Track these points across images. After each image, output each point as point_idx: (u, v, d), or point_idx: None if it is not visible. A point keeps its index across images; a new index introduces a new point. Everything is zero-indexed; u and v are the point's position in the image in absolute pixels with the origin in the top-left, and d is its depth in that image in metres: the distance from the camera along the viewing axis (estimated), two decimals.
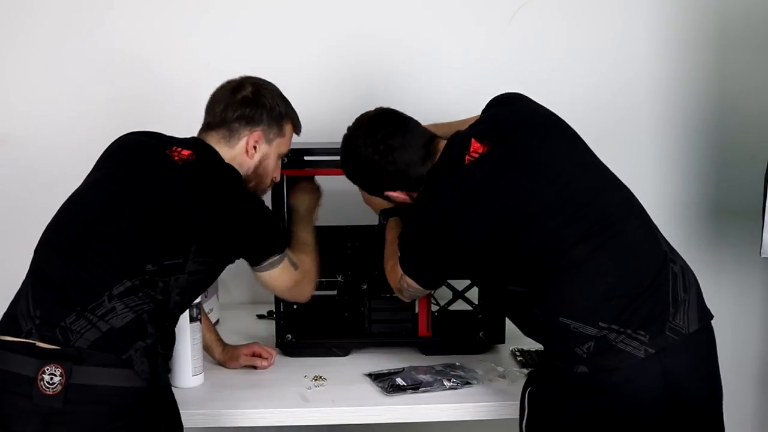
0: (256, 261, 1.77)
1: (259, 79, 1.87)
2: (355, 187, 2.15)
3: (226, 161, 1.76)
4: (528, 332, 1.71)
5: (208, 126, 1.82)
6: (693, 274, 1.68)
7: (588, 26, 2.61)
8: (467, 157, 1.70)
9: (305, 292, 1.93)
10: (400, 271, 1.85)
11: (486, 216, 1.64)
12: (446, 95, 2.56)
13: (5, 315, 1.60)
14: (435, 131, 1.85)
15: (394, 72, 2.59)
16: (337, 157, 2.11)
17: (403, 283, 1.87)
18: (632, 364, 1.53)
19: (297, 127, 1.92)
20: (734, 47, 2.64)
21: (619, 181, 1.73)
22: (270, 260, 1.78)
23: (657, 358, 1.54)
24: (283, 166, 2.03)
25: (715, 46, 2.63)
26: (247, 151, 1.80)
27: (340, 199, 2.30)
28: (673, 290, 1.60)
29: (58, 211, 1.68)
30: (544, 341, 1.67)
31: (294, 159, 2.04)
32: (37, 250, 1.65)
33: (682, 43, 2.63)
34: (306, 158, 2.10)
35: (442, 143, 1.79)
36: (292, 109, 1.90)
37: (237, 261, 1.72)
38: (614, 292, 1.57)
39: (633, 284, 1.58)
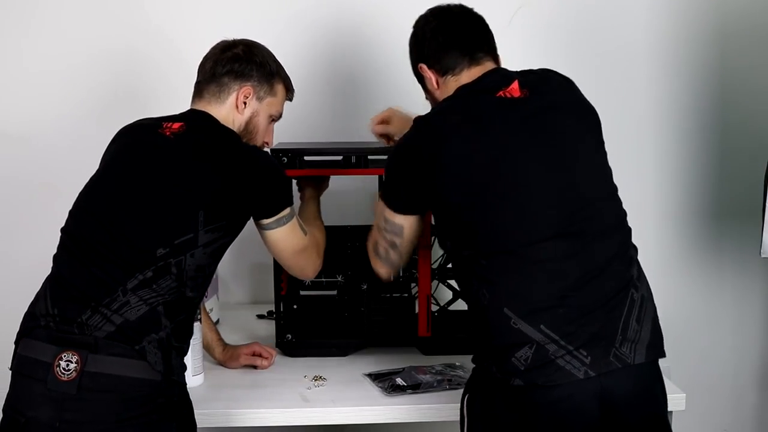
0: (265, 214, 1.74)
1: (253, 41, 1.87)
2: (355, 187, 2.15)
3: (220, 119, 1.76)
4: (470, 313, 1.64)
5: (198, 86, 1.82)
6: (653, 306, 1.60)
7: (587, 26, 2.61)
8: (501, 92, 1.63)
9: (312, 262, 1.90)
10: (376, 229, 1.77)
11: (481, 157, 1.57)
12: None
13: (26, 315, 1.62)
14: None
15: (393, 73, 2.59)
16: (338, 157, 2.11)
17: (380, 222, 1.73)
18: (570, 383, 1.48)
19: (289, 91, 1.91)
20: (734, 47, 2.64)
21: (619, 197, 1.66)
22: (279, 215, 1.75)
23: (597, 380, 1.49)
24: (284, 166, 2.02)
25: (716, 46, 2.64)
26: (237, 106, 1.80)
27: (340, 199, 2.31)
28: (626, 317, 1.53)
29: (69, 212, 1.69)
30: (482, 331, 1.58)
31: (294, 159, 2.04)
32: (56, 254, 1.67)
33: (682, 43, 2.63)
34: (306, 158, 2.10)
35: (490, 66, 1.73)
36: (285, 72, 1.89)
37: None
38: (567, 300, 1.51)
39: (588, 299, 1.52)
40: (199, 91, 1.82)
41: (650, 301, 1.60)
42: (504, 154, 1.58)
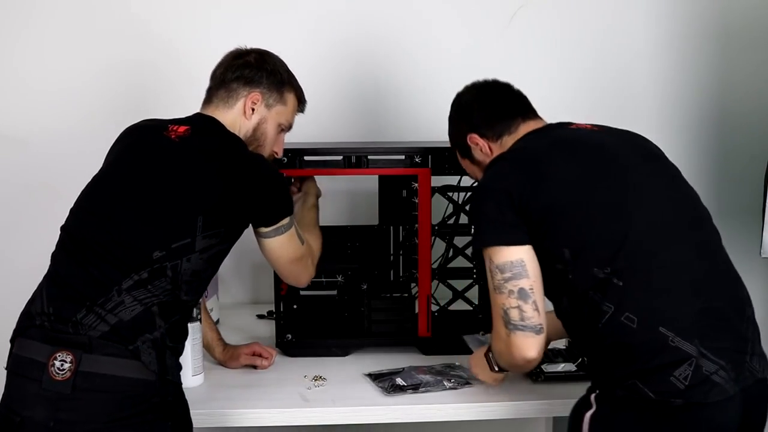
0: (264, 222, 1.74)
1: (266, 50, 1.87)
2: (355, 187, 2.15)
3: (227, 125, 1.76)
4: (599, 339, 1.52)
5: (209, 92, 1.83)
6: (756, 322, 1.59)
7: (588, 26, 2.61)
8: (572, 125, 1.68)
9: (307, 270, 1.90)
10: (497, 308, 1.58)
11: (583, 171, 1.56)
12: (446, 97, 2.55)
13: (22, 314, 1.62)
14: None
15: (393, 74, 2.59)
16: (338, 157, 2.12)
17: (495, 281, 1.56)
18: (723, 399, 1.44)
19: (301, 101, 1.90)
20: (735, 47, 2.64)
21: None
22: (278, 224, 1.75)
23: (740, 394, 1.47)
24: (283, 166, 2.03)
25: (716, 46, 2.64)
26: (244, 112, 1.79)
27: (340, 199, 2.31)
28: (746, 332, 1.53)
29: (70, 210, 1.69)
30: (625, 354, 1.48)
31: (294, 159, 2.04)
32: (54, 252, 1.67)
33: (682, 44, 2.63)
34: (306, 158, 2.10)
35: (541, 123, 1.74)
36: (297, 82, 1.89)
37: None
38: (709, 313, 1.48)
39: (723, 311, 1.51)
40: (209, 96, 1.82)
41: (754, 316, 1.59)
42: (607, 165, 1.58)
